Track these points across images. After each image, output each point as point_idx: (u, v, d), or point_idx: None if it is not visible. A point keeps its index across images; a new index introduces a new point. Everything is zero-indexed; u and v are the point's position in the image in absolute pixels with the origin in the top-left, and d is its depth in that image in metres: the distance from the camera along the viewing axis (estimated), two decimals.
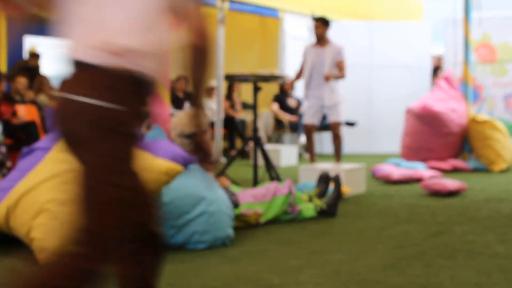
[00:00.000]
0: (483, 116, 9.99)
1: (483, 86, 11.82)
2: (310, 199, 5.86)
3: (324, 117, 9.72)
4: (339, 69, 8.47)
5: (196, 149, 2.56)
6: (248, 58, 13.34)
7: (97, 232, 2.33)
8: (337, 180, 5.95)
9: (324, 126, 11.30)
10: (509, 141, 9.73)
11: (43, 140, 5.08)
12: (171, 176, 4.34)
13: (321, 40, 8.55)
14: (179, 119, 5.41)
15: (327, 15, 12.94)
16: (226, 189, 5.37)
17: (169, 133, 5.41)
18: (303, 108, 11.86)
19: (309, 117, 8.54)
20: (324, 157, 11.19)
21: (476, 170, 9.46)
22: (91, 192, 2.37)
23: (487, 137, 9.52)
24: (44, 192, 4.31)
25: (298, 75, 8.91)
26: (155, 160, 4.36)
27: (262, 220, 5.43)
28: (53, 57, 14.92)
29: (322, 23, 8.59)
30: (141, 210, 2.42)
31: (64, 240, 2.41)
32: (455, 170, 9.39)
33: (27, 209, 4.30)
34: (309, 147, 8.63)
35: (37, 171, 4.49)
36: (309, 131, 8.60)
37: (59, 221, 4.19)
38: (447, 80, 10.32)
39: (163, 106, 5.45)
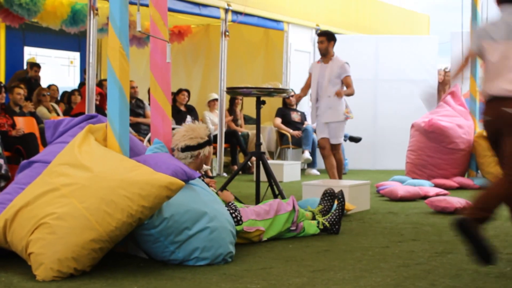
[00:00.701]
0: None
1: None
2: (314, 216, 5.77)
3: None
4: (347, 86, 8.40)
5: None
6: (252, 70, 13.29)
7: None
8: (340, 196, 5.85)
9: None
10: None
11: (42, 153, 5.01)
12: (172, 191, 4.26)
13: (326, 55, 8.46)
14: (179, 134, 5.35)
15: (332, 28, 12.96)
16: (229, 204, 5.28)
17: (170, 147, 5.33)
18: (307, 124, 11.82)
19: (320, 132, 8.52)
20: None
21: (482, 188, 9.33)
22: None
23: (494, 154, 9.40)
24: (42, 206, 4.24)
25: (303, 90, 8.86)
26: (156, 174, 4.28)
27: (265, 237, 5.34)
28: (53, 68, 14.94)
29: (326, 38, 8.49)
30: None
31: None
32: (461, 188, 9.29)
33: (24, 223, 4.23)
34: (328, 167, 8.49)
35: (36, 185, 4.41)
36: (322, 148, 8.54)
37: (57, 235, 4.11)
38: (454, 95, 10.23)
39: (164, 119, 5.37)
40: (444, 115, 9.79)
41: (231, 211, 5.18)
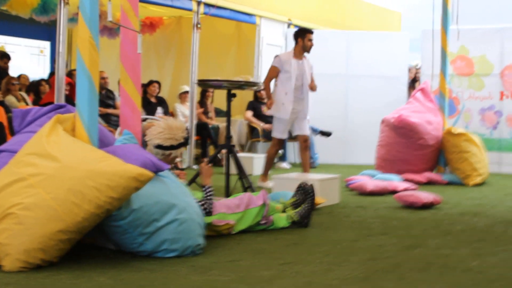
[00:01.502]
0: (459, 129, 9.98)
1: (460, 99, 11.83)
2: (285, 209, 5.77)
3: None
4: (313, 81, 8.61)
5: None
6: (224, 64, 13.26)
7: None
8: (310, 190, 5.85)
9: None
10: (485, 155, 9.73)
11: (9, 142, 4.94)
12: (141, 182, 4.22)
13: (301, 54, 8.50)
14: (156, 130, 5.30)
15: (304, 23, 12.99)
16: (206, 189, 5.31)
17: (140, 138, 5.29)
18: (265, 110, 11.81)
19: (282, 132, 8.62)
20: (298, 165, 11.12)
21: (451, 184, 9.44)
22: None
23: (462, 150, 9.51)
24: (8, 196, 4.18)
25: (268, 86, 8.68)
26: (125, 165, 4.25)
27: (234, 231, 5.33)
28: (23, 57, 14.78)
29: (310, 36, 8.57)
30: None
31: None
32: (429, 183, 9.37)
33: None
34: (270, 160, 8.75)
35: (2, 174, 4.35)
36: (279, 145, 8.81)
37: (24, 226, 4.06)
38: (424, 92, 10.31)
39: (134, 111, 5.33)
40: (413, 111, 9.86)
41: (202, 202, 5.18)
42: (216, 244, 4.95)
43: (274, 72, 8.54)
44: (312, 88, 8.51)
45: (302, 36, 8.54)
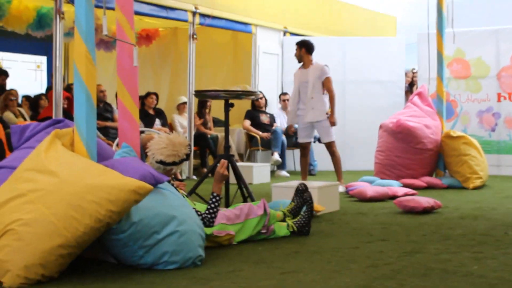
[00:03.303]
0: (457, 132, 10.00)
1: (457, 102, 11.86)
2: (284, 217, 5.78)
3: (295, 135, 10.13)
4: (327, 90, 9.01)
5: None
6: (221, 73, 13.28)
7: None
8: (309, 198, 5.87)
9: (295, 144, 11.36)
10: (484, 158, 9.74)
11: (8, 159, 4.95)
12: (140, 195, 4.23)
13: (304, 62, 8.94)
14: (159, 145, 5.30)
15: (300, 31, 13.03)
16: (213, 197, 5.31)
17: (138, 151, 5.30)
18: (276, 125, 11.86)
19: (303, 137, 9.20)
20: (297, 173, 11.13)
21: (450, 187, 9.45)
22: None
23: (461, 153, 9.52)
24: (8, 212, 4.19)
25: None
26: (124, 178, 4.26)
27: (235, 241, 5.34)
28: (20, 73, 14.79)
29: (298, 46, 9.06)
30: None
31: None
32: (429, 187, 9.38)
33: None
34: (303, 166, 9.26)
35: (2, 191, 4.36)
36: (304, 149, 9.23)
37: (24, 242, 4.06)
38: (421, 96, 10.33)
39: (132, 123, 5.34)
40: (411, 115, 9.87)
41: (205, 213, 5.20)
42: (217, 255, 4.95)
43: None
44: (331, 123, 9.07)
45: None
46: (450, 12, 10.50)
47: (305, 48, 9.01)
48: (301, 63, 9.11)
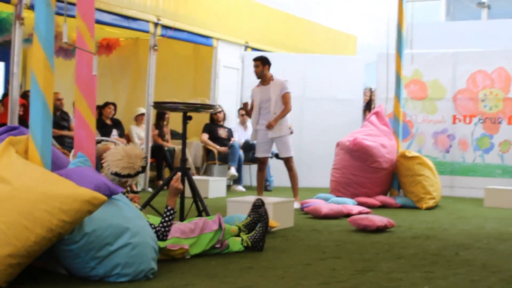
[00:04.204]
0: (412, 152, 10.11)
1: (413, 123, 12.01)
2: (239, 231, 5.77)
3: (252, 149, 10.18)
4: (284, 103, 8.99)
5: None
6: (181, 85, 13.25)
7: None
8: (264, 214, 5.87)
9: (252, 159, 11.38)
10: (437, 178, 9.86)
11: None
12: (94, 206, 4.19)
13: (263, 78, 8.89)
14: (114, 156, 5.25)
15: (261, 45, 13.08)
16: (167, 211, 5.24)
17: (94, 161, 5.24)
18: (234, 140, 11.86)
19: (262, 152, 9.17)
20: (253, 188, 11.14)
21: (404, 207, 9.54)
22: None
23: (415, 173, 9.63)
24: None
25: (250, 114, 9.38)
26: (78, 188, 4.21)
27: (188, 255, 5.31)
28: None
29: (261, 62, 9.03)
30: None
31: None
32: (383, 206, 9.46)
33: None
34: (259, 181, 9.24)
35: None
36: (262, 164, 9.23)
37: None
38: (378, 115, 10.43)
39: (89, 133, 5.29)
40: (368, 134, 9.96)
41: (159, 226, 5.15)
42: (170, 268, 4.92)
43: (252, 105, 9.25)
44: (268, 126, 9.02)
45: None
46: (410, 34, 10.65)
47: (268, 65, 9.01)
48: (259, 80, 9.08)
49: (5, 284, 4.08)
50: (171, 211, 5.30)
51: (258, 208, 5.94)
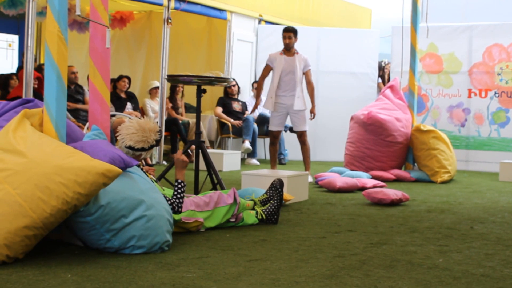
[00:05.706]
0: (427, 126, 10.07)
1: (429, 96, 11.94)
2: (254, 205, 5.78)
3: (266, 122, 10.13)
4: (309, 80, 9.06)
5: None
6: (195, 59, 13.22)
7: None
8: (279, 186, 5.87)
9: (266, 132, 11.38)
10: (452, 153, 9.82)
11: None
12: (109, 178, 4.21)
13: (290, 49, 8.83)
14: (129, 130, 5.26)
15: (275, 19, 13.00)
16: (178, 184, 5.23)
17: (108, 134, 5.26)
18: (248, 113, 11.85)
19: (276, 125, 9.12)
20: (267, 162, 11.15)
21: (418, 181, 9.52)
22: None
23: (430, 147, 9.60)
24: None
25: (260, 83, 9.28)
26: (93, 160, 4.23)
27: (203, 228, 5.33)
28: None
29: (294, 34, 9.05)
30: None
31: None
32: (398, 180, 9.44)
33: None
34: (272, 155, 9.19)
35: None
36: (274, 138, 9.18)
37: None
38: (393, 89, 10.38)
39: (103, 106, 5.30)
40: (383, 108, 9.92)
41: (172, 200, 5.16)
42: (184, 240, 4.94)
43: (266, 71, 9.13)
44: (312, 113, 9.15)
45: (282, 35, 9.04)
46: (425, 7, 10.55)
47: (296, 38, 9.03)
48: (282, 50, 9.02)
49: (22, 255, 4.12)
50: (182, 184, 5.31)
51: (275, 188, 5.91)
